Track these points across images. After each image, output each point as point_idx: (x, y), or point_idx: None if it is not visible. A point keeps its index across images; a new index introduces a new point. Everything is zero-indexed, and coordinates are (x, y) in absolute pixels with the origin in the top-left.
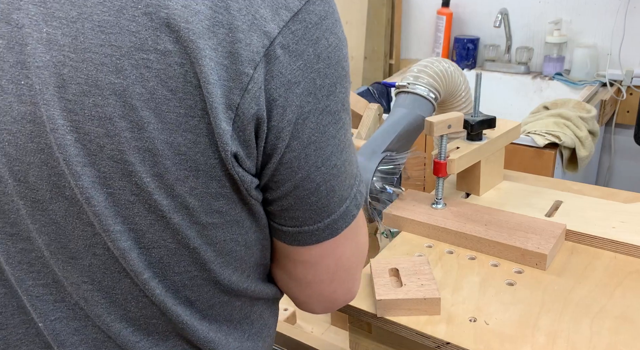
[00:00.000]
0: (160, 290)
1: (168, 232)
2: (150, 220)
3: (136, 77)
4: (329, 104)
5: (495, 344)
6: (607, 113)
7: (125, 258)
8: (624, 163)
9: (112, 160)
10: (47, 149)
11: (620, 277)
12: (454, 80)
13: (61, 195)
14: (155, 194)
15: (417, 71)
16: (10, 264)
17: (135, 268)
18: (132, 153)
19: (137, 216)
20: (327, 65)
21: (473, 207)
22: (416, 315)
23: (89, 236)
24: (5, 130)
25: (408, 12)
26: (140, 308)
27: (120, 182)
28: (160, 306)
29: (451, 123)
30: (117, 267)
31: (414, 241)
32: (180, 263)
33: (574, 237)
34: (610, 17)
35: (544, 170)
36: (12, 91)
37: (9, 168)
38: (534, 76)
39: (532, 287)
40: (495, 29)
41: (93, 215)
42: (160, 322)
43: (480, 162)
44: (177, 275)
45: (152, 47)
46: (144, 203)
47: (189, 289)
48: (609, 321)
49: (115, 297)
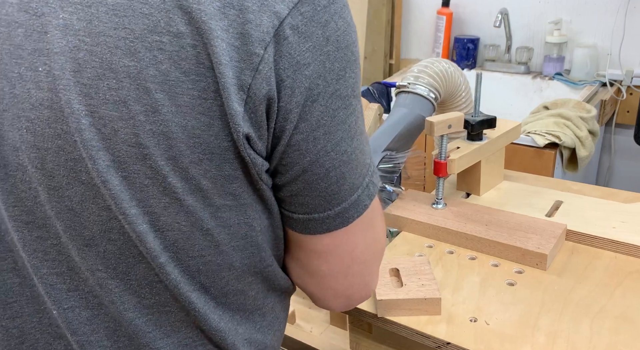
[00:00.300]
0: (175, 275)
1: (182, 215)
2: (165, 203)
3: (150, 59)
4: (339, 87)
5: (495, 344)
6: (607, 113)
7: (142, 241)
8: (624, 163)
9: (126, 144)
10: (63, 134)
11: (620, 277)
12: (454, 80)
13: (77, 180)
14: (170, 177)
15: (418, 71)
16: (27, 252)
17: (152, 252)
18: (146, 136)
19: (152, 199)
20: (336, 49)
21: (473, 207)
22: (417, 315)
23: (105, 221)
24: (24, 117)
25: (408, 12)
26: (154, 294)
27: (135, 165)
28: (174, 292)
29: (451, 123)
30: (133, 251)
31: (414, 241)
32: (194, 246)
33: (574, 237)
34: (610, 17)
35: (544, 170)
36: (31, 78)
37: (27, 155)
38: (534, 76)
39: (532, 287)
40: (496, 28)
41: (110, 198)
42: (174, 309)
43: (480, 162)
44: (191, 260)
45: (165, 29)
46: (158, 186)
47: (203, 275)
48: (609, 321)
49: (130, 283)
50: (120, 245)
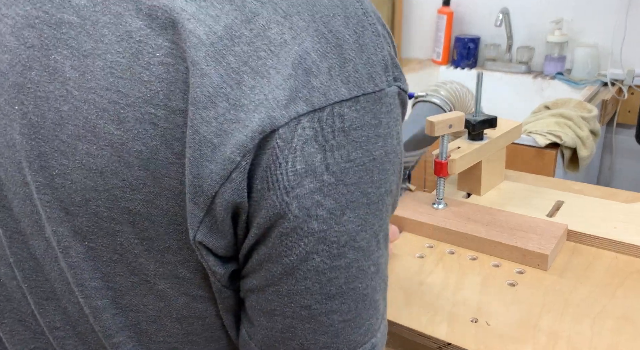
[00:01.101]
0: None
1: (151, 298)
2: (133, 282)
3: (138, 132)
4: (326, 231)
5: (496, 344)
6: (608, 113)
7: (97, 318)
8: (626, 163)
9: (97, 216)
10: (29, 186)
11: (621, 278)
12: (465, 99)
13: (41, 235)
14: (142, 258)
15: (435, 85)
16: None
17: (106, 330)
18: (120, 213)
19: (118, 276)
20: (337, 182)
21: (474, 207)
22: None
23: (67, 282)
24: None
25: (408, 12)
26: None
27: (104, 238)
28: None
29: (452, 123)
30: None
31: (415, 241)
32: (160, 332)
33: (575, 238)
34: (611, 17)
35: (545, 170)
36: (7, 113)
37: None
38: (535, 76)
39: (533, 287)
40: (496, 28)
41: (68, 267)
42: None
43: (481, 162)
44: (154, 344)
45: (162, 103)
46: (127, 264)
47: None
48: (610, 321)
49: (89, 345)
50: (80, 309)
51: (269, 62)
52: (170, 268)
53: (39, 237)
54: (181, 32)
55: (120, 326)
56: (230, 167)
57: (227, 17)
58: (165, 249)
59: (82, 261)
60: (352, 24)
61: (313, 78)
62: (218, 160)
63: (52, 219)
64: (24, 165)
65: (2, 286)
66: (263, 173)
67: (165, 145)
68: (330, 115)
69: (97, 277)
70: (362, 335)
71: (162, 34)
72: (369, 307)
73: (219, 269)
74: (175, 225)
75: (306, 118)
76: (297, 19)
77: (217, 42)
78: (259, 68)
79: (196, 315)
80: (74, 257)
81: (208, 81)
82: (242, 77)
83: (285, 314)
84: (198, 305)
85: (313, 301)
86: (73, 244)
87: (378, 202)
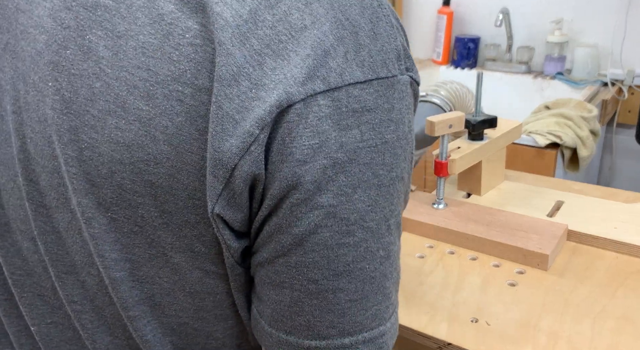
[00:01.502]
0: (146, 331)
1: (167, 270)
2: (150, 254)
3: (166, 108)
4: (337, 206)
5: (496, 344)
6: (608, 113)
7: (115, 289)
8: (626, 163)
9: (121, 188)
10: (58, 159)
11: (621, 278)
12: (465, 99)
13: (66, 207)
14: (160, 230)
15: (435, 86)
16: (9, 270)
17: (123, 302)
18: (143, 186)
19: (137, 247)
20: (349, 160)
21: (474, 207)
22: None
23: (87, 254)
24: (30, 127)
25: (408, 12)
26: (127, 337)
27: (126, 210)
28: (144, 345)
29: (452, 123)
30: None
31: (415, 241)
32: (173, 305)
33: (576, 238)
34: (611, 17)
35: (545, 170)
36: (41, 90)
37: (24, 166)
38: (535, 76)
39: (533, 287)
40: (496, 28)
41: (90, 238)
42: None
43: (481, 162)
44: (166, 317)
45: (189, 81)
46: (146, 236)
47: (176, 335)
48: (610, 322)
49: (105, 319)
50: (99, 281)
51: (290, 46)
52: (187, 242)
53: (64, 209)
54: (210, 14)
55: (137, 299)
56: (249, 140)
57: (252, 1)
58: (183, 222)
59: (103, 233)
60: (367, 13)
61: (330, 59)
62: (238, 135)
63: (78, 191)
64: (54, 139)
65: (24, 260)
66: (278, 146)
67: (190, 121)
68: (345, 95)
69: (117, 249)
70: (370, 319)
71: (192, 17)
72: (377, 291)
73: (233, 243)
74: (194, 199)
75: (322, 96)
76: (316, 6)
77: (243, 25)
78: (280, 51)
79: (208, 291)
80: (97, 228)
81: (232, 61)
82: (264, 58)
83: (294, 286)
84: (210, 281)
85: (320, 276)
86: (96, 215)
87: (389, 186)
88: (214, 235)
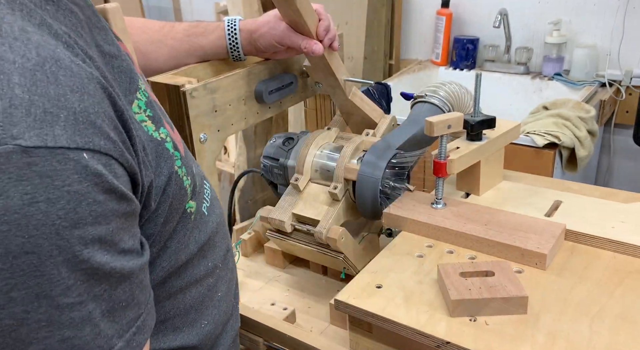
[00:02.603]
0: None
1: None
2: None
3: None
4: None
5: (495, 343)
6: (606, 113)
7: None
8: (623, 163)
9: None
10: None
11: (620, 277)
12: (464, 100)
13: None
14: None
15: (434, 86)
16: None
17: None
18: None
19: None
20: None
21: (473, 207)
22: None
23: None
24: None
25: (408, 13)
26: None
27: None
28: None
29: (451, 123)
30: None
31: (414, 241)
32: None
33: (574, 237)
34: (609, 18)
35: (544, 170)
36: None
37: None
38: (533, 76)
39: (532, 286)
40: (495, 29)
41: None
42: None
43: (480, 162)
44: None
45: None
46: None
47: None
48: (608, 321)
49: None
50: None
51: None
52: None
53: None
54: None
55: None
56: None
57: None
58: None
59: None
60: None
61: None
62: None
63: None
64: None
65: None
66: None
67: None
68: None
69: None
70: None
71: None
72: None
73: None
74: None
75: None
76: None
77: None
78: None
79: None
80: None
81: None
82: None
83: None
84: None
85: None
86: None
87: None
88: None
